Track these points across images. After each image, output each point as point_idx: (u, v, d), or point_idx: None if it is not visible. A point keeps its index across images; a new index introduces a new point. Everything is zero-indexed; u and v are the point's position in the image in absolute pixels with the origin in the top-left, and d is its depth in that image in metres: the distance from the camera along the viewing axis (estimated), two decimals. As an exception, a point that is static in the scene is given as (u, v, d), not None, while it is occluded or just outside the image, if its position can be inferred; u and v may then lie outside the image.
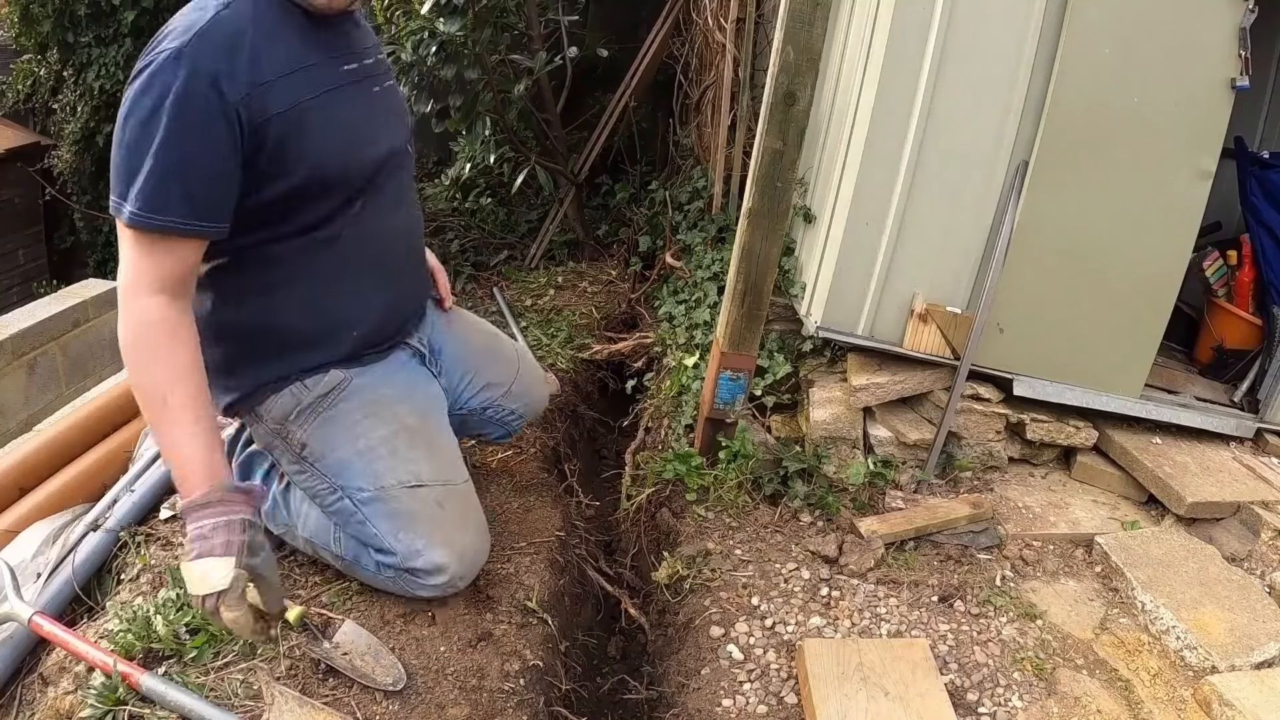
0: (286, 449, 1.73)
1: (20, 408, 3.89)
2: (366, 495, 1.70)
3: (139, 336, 1.44)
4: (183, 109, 1.40)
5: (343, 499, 1.71)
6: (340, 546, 1.76)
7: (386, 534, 1.69)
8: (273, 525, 1.85)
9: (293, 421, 1.70)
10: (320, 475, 1.72)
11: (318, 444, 1.71)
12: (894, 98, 2.33)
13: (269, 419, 1.72)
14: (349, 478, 1.70)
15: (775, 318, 2.78)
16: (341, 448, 1.71)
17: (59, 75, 7.19)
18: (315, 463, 1.72)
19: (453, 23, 3.36)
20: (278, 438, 1.74)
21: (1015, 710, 1.81)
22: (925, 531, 2.32)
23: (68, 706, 1.57)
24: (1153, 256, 2.46)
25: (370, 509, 1.69)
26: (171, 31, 1.45)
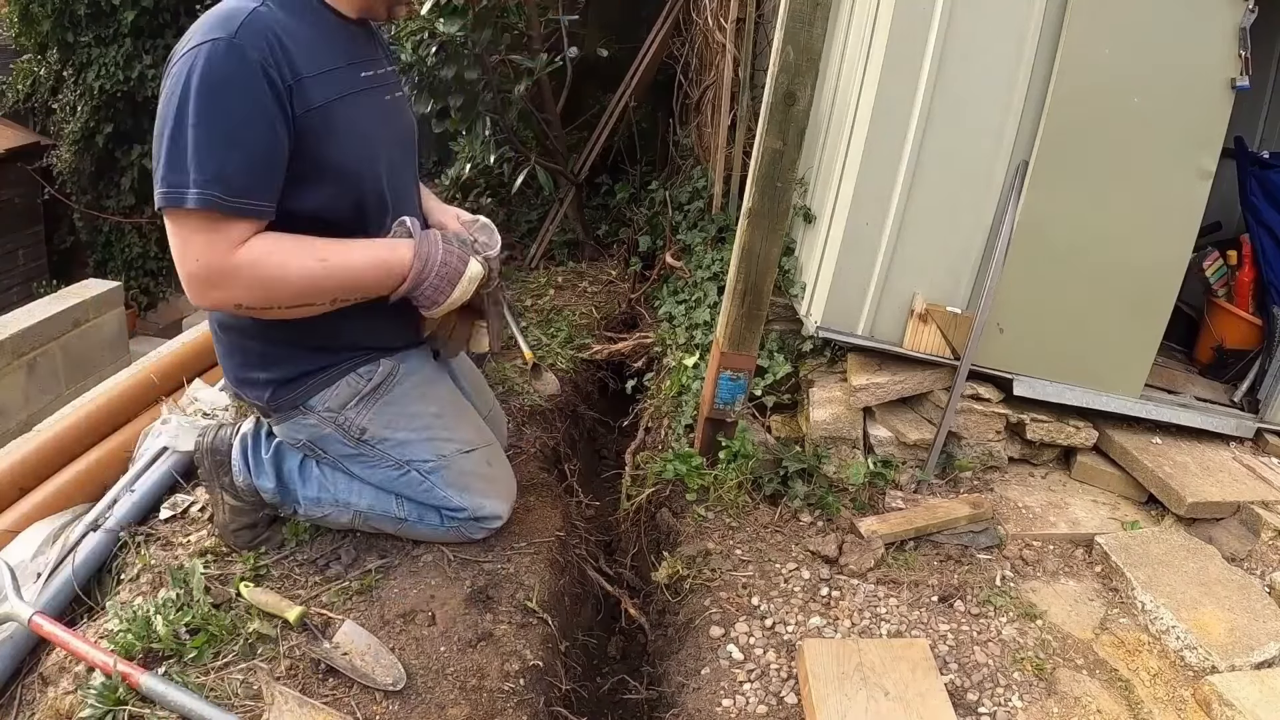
0: (343, 435, 1.85)
1: (20, 408, 3.89)
2: (431, 466, 1.90)
3: (261, 278, 1.53)
4: (246, 97, 1.47)
5: (410, 472, 1.89)
6: (404, 510, 1.94)
7: (454, 495, 1.92)
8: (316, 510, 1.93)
9: (351, 409, 1.83)
10: (383, 455, 1.88)
11: (379, 428, 1.86)
12: (894, 98, 2.33)
13: (321, 409, 1.82)
14: (413, 454, 1.89)
15: (775, 318, 2.79)
16: (402, 429, 1.88)
17: (59, 75, 7.19)
18: (377, 444, 1.87)
19: (453, 23, 3.36)
20: (332, 425, 1.84)
21: (1015, 710, 1.81)
22: (925, 531, 2.32)
23: (68, 706, 1.58)
24: (1153, 256, 2.46)
25: (436, 477, 1.90)
26: (209, 24, 1.49)
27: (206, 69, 1.45)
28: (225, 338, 1.83)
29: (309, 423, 1.85)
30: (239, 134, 1.47)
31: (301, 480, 1.93)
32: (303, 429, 1.87)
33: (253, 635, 1.69)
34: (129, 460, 2.31)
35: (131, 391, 2.62)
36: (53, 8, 6.59)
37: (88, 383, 3.87)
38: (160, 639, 1.64)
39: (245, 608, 1.76)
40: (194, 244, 1.49)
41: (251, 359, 1.80)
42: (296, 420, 1.85)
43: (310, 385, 1.80)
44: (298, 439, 1.90)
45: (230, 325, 1.80)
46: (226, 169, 1.46)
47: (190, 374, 2.78)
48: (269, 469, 1.91)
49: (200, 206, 1.45)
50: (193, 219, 1.47)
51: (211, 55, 1.45)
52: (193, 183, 1.44)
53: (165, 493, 2.14)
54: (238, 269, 1.51)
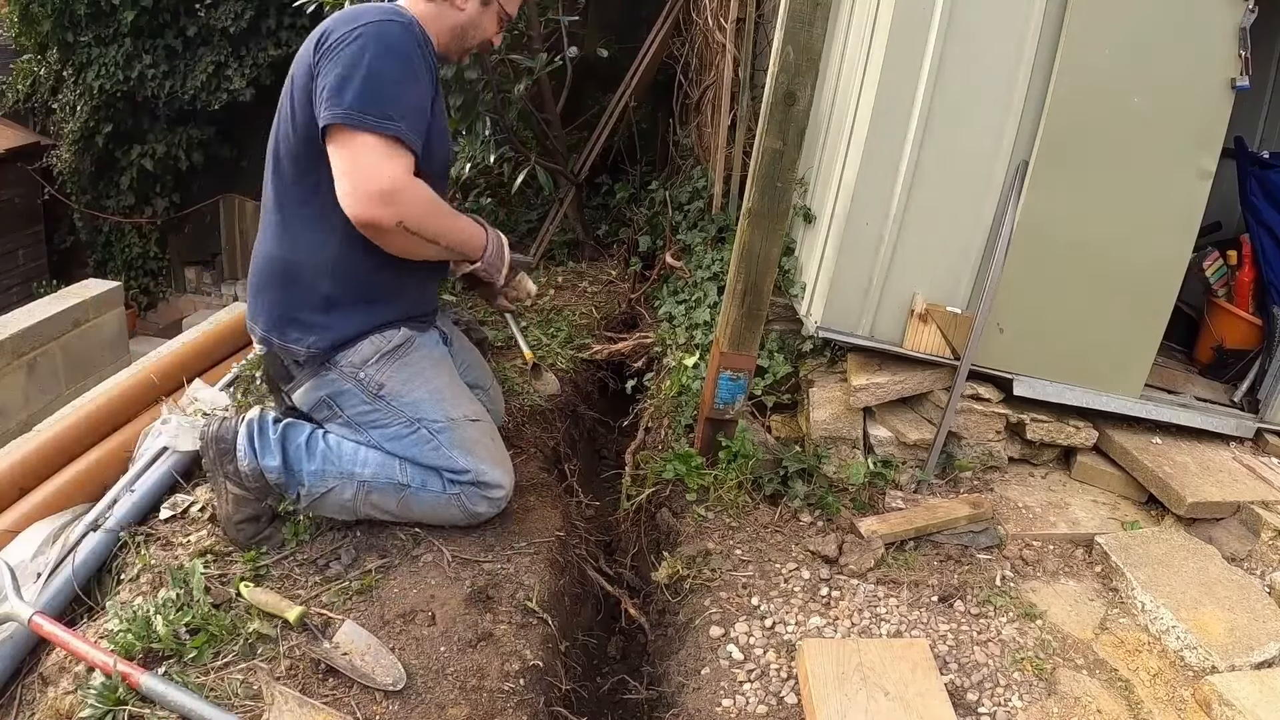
0: (362, 390, 1.99)
1: (20, 408, 3.89)
2: (440, 425, 2.01)
3: (425, 205, 1.85)
4: (419, 67, 1.84)
5: (419, 429, 2.01)
6: (406, 475, 2.01)
7: (459, 456, 2.01)
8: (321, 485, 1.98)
9: (372, 365, 1.98)
10: (397, 411, 2.00)
11: (396, 385, 2.00)
12: (894, 97, 2.33)
13: (345, 364, 1.97)
14: (425, 412, 2.01)
15: (775, 318, 2.79)
16: (416, 389, 2.02)
17: (59, 75, 7.19)
18: (392, 400, 2.00)
19: (452, 22, 3.35)
20: (353, 380, 1.98)
21: (1015, 710, 1.81)
22: (925, 531, 2.32)
23: (68, 706, 1.58)
24: (1153, 256, 2.46)
25: (444, 436, 2.01)
26: (381, 10, 1.84)
27: (394, 37, 1.80)
28: (292, 275, 1.94)
29: (331, 377, 1.98)
30: (417, 91, 1.83)
31: (308, 455, 1.98)
32: (324, 384, 1.99)
33: (253, 635, 1.69)
34: (129, 460, 2.31)
35: (131, 391, 2.63)
36: (53, 8, 6.58)
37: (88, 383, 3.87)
38: (160, 639, 1.64)
39: (245, 608, 1.76)
40: (387, 165, 1.76)
41: (314, 300, 1.94)
42: (321, 375, 1.98)
43: (344, 337, 1.96)
44: (317, 395, 2.01)
45: (307, 263, 1.93)
46: (409, 114, 1.79)
47: (190, 374, 2.78)
48: (275, 448, 1.97)
49: (396, 135, 1.76)
50: (384, 145, 1.76)
51: (395, 29, 1.81)
52: (389, 115, 1.75)
53: (165, 493, 2.14)
54: (414, 189, 1.81)
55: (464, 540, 2.08)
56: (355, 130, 1.73)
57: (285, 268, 1.95)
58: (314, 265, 1.92)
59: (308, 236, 1.92)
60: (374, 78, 1.75)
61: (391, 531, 2.06)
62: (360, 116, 1.73)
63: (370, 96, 1.74)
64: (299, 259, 1.94)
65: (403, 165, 1.79)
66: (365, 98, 1.74)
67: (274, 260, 1.97)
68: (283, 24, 6.56)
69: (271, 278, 1.97)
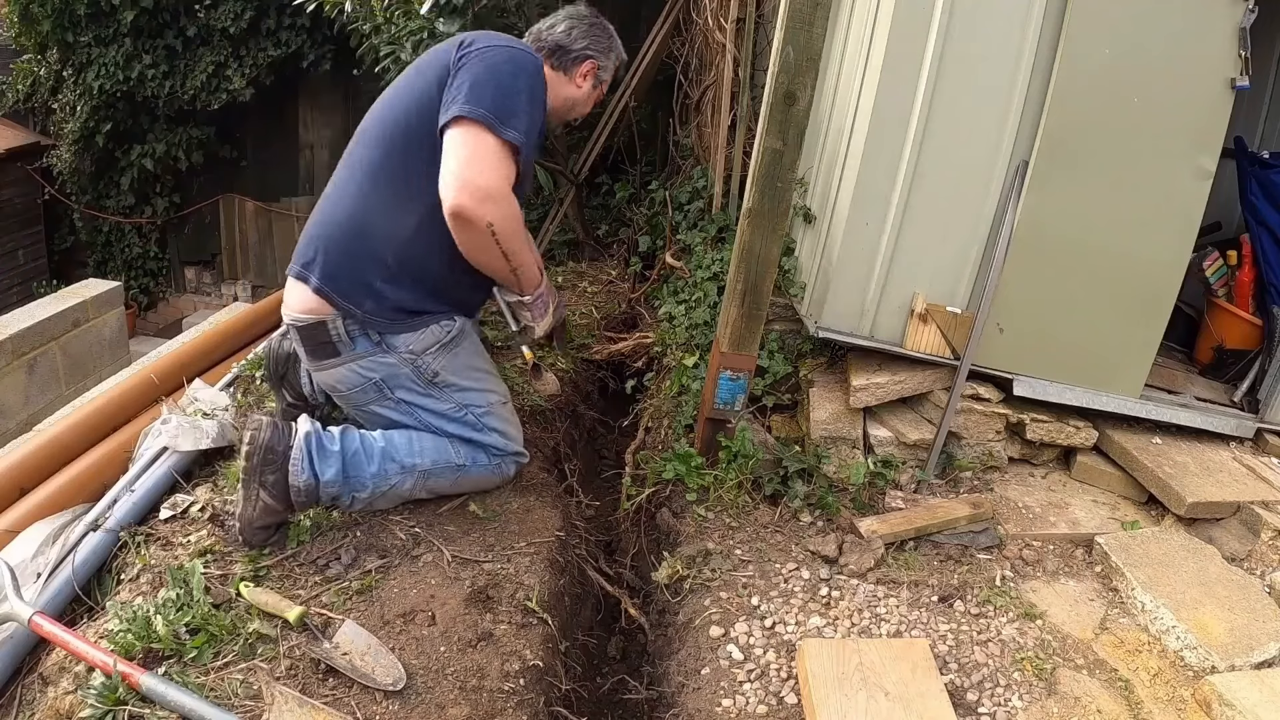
0: (417, 376, 2.09)
1: (20, 408, 3.89)
2: (482, 410, 2.19)
3: (515, 221, 2.01)
4: (542, 100, 2.04)
5: (466, 413, 2.17)
6: (461, 456, 2.15)
7: (497, 435, 2.21)
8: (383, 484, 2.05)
9: (431, 353, 2.09)
10: (448, 397, 2.14)
11: (448, 374, 2.13)
12: (894, 97, 2.33)
13: (404, 350, 2.05)
14: (470, 399, 2.17)
15: (775, 318, 2.79)
16: (465, 378, 2.16)
17: (59, 75, 7.19)
18: (445, 387, 2.13)
19: (452, 23, 3.36)
20: (410, 366, 2.08)
21: (1015, 710, 1.81)
22: (925, 531, 2.32)
23: (68, 706, 1.57)
24: (1153, 256, 2.46)
25: (486, 419, 2.19)
26: (521, 42, 2.13)
27: (533, 67, 2.04)
28: (366, 240, 2.01)
29: (388, 361, 2.05)
30: (536, 119, 1.99)
31: (366, 458, 2.02)
32: (379, 367, 2.06)
33: (253, 635, 1.69)
34: (129, 460, 2.31)
35: (131, 391, 2.63)
36: (53, 8, 6.59)
37: (88, 383, 3.87)
38: (160, 639, 1.64)
39: (245, 608, 1.76)
40: (499, 167, 1.90)
41: (379, 269, 2.01)
42: (376, 357, 2.05)
43: (409, 319, 2.05)
44: (370, 377, 2.07)
45: (384, 234, 2.01)
46: (527, 133, 1.94)
47: (190, 374, 2.78)
48: (334, 459, 1.97)
49: (514, 143, 1.91)
50: (501, 149, 1.90)
51: (535, 63, 2.06)
52: (514, 126, 1.91)
53: (165, 493, 2.14)
54: (511, 200, 1.96)
55: (464, 540, 2.08)
56: (481, 128, 1.88)
57: (362, 231, 2.01)
58: (389, 237, 2.01)
59: (394, 210, 2.01)
60: (510, 91, 1.93)
61: (391, 531, 2.06)
62: (489, 117, 1.88)
63: (502, 104, 1.91)
64: (377, 227, 2.01)
65: (508, 173, 1.93)
66: (498, 104, 1.90)
67: (353, 221, 2.02)
68: (282, 24, 6.57)
69: (345, 239, 2.02)
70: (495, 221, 1.91)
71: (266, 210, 7.74)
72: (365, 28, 3.79)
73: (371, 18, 3.69)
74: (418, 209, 1.98)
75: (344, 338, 2.02)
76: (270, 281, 7.87)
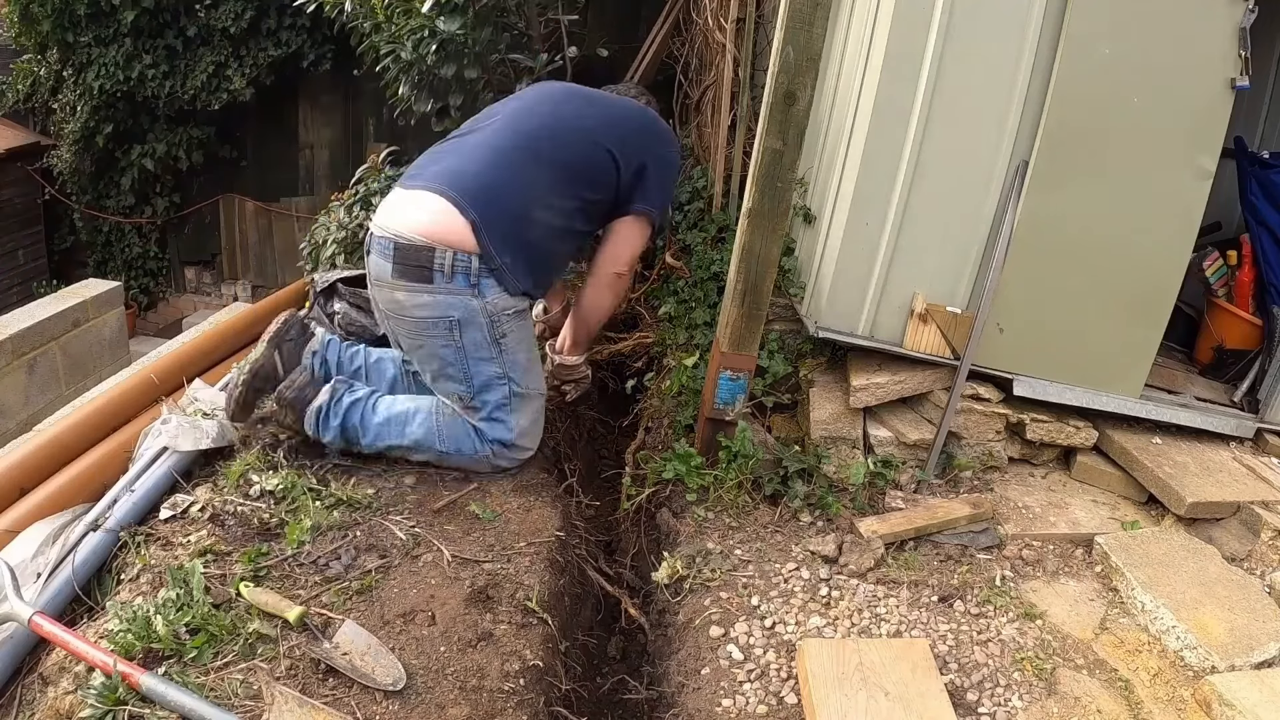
0: (491, 329, 2.23)
1: (20, 408, 3.89)
2: (520, 390, 2.31)
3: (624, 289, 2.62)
4: None
5: (507, 384, 2.28)
6: (444, 444, 2.28)
7: (513, 422, 2.31)
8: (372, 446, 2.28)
9: (508, 314, 2.24)
10: (502, 360, 2.26)
11: (513, 340, 2.27)
12: (894, 97, 2.33)
13: (491, 298, 2.19)
14: (519, 373, 2.30)
15: (775, 318, 2.78)
16: (522, 351, 2.31)
17: (59, 75, 7.18)
18: (505, 352, 2.26)
19: (453, 22, 3.36)
20: (486, 316, 2.21)
21: (1015, 710, 1.81)
22: (925, 531, 2.32)
23: (68, 706, 1.57)
24: (1153, 256, 2.46)
25: (517, 400, 2.30)
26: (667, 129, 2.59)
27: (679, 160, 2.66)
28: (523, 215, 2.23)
29: (474, 305, 2.19)
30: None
31: (362, 431, 2.25)
32: (460, 307, 2.19)
33: (253, 635, 1.69)
34: (129, 460, 2.31)
35: (131, 391, 2.62)
36: (53, 8, 6.58)
37: (88, 383, 3.87)
38: (160, 639, 1.64)
39: (245, 608, 1.76)
40: (640, 247, 2.47)
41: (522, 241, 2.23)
42: (464, 297, 2.18)
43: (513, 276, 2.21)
44: (450, 315, 2.19)
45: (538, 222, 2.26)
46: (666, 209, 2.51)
47: (190, 374, 2.78)
48: (335, 431, 2.25)
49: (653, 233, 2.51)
50: (649, 233, 2.47)
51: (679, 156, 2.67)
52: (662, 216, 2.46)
53: (165, 493, 2.14)
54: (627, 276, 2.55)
55: (464, 540, 2.08)
56: (646, 224, 2.42)
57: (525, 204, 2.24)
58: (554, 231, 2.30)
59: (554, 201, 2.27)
60: (670, 196, 2.55)
61: (391, 531, 2.06)
62: (657, 218, 2.43)
63: (664, 207, 2.49)
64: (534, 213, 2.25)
65: None
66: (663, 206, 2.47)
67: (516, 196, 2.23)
68: (283, 24, 6.56)
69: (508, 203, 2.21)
70: (627, 287, 2.72)
71: (266, 210, 7.73)
72: (365, 27, 3.78)
73: (372, 16, 3.68)
74: (569, 210, 2.31)
75: (447, 269, 2.15)
76: (270, 281, 7.86)
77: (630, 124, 2.44)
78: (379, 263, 2.21)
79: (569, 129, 2.36)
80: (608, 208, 2.40)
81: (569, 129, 2.36)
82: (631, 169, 2.35)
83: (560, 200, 2.29)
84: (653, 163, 2.39)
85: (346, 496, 2.17)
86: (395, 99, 3.81)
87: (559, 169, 2.29)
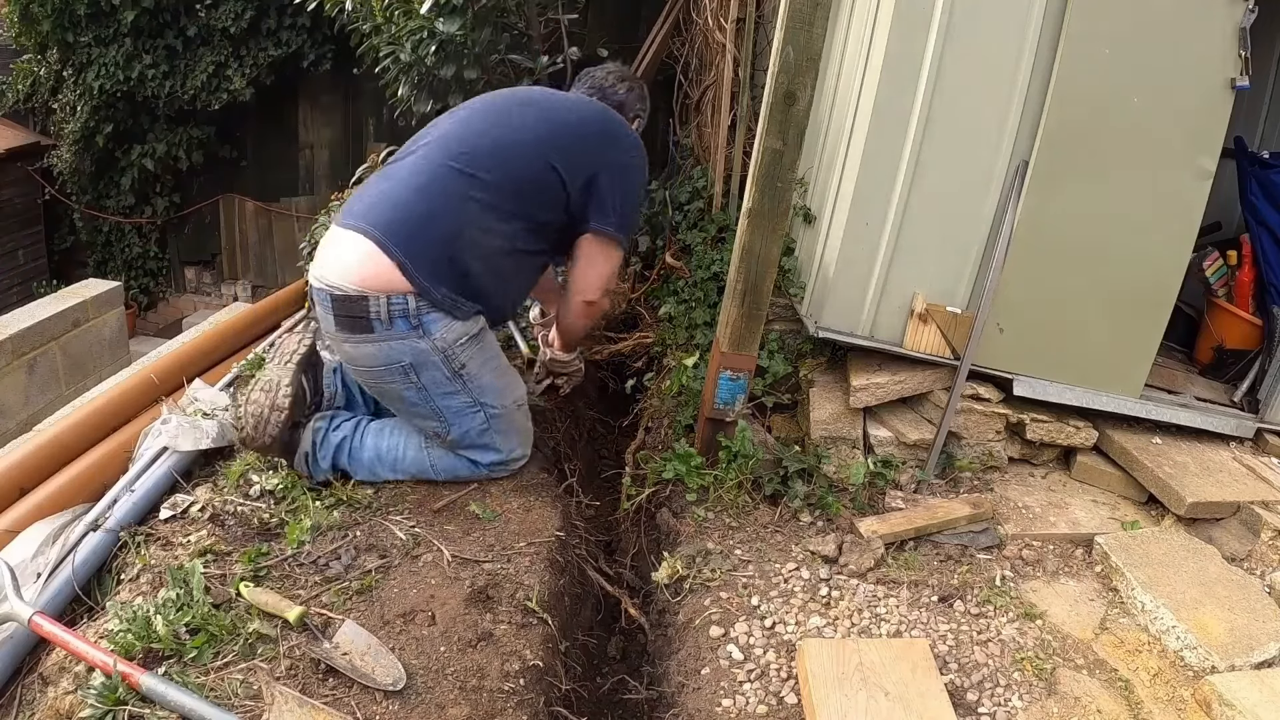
0: (447, 364, 2.13)
1: (20, 408, 3.89)
2: (496, 411, 2.24)
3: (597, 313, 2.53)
4: None
5: (481, 411, 2.21)
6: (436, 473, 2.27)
7: (500, 440, 2.27)
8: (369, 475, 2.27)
9: (461, 344, 2.14)
10: (469, 391, 2.18)
11: (474, 366, 2.18)
12: (894, 97, 2.33)
13: (439, 337, 2.10)
14: (489, 397, 2.22)
15: (775, 318, 2.79)
16: (487, 373, 2.22)
17: (59, 75, 7.18)
18: (468, 380, 2.17)
19: (452, 22, 3.36)
20: (441, 355, 2.12)
21: (1015, 710, 1.81)
22: (925, 531, 2.32)
23: (68, 706, 1.57)
24: (1153, 256, 2.46)
25: (496, 422, 2.25)
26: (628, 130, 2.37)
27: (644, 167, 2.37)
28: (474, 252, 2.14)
29: (422, 347, 2.10)
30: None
31: (352, 466, 2.25)
32: (410, 352, 2.10)
33: (253, 635, 1.69)
34: (129, 460, 2.31)
35: (131, 391, 2.62)
36: (53, 8, 6.58)
37: (88, 383, 3.87)
38: (160, 639, 1.64)
39: (245, 608, 1.76)
40: (616, 269, 2.40)
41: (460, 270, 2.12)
42: (409, 341, 2.08)
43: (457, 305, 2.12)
44: (398, 360, 2.11)
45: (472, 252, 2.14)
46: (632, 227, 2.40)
47: (190, 374, 2.78)
48: (327, 467, 2.23)
49: (625, 249, 2.36)
50: (619, 255, 2.35)
51: (644, 159, 2.36)
52: (631, 231, 2.36)
53: (165, 493, 2.14)
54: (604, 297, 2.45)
55: (464, 540, 2.08)
56: (615, 245, 2.29)
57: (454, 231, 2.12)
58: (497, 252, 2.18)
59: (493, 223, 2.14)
60: (633, 206, 2.35)
61: (391, 531, 2.06)
62: (620, 235, 2.27)
63: (630, 220, 2.34)
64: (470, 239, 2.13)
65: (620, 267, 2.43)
66: (627, 220, 2.30)
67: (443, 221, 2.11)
68: (283, 24, 6.56)
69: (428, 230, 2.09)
70: (605, 309, 2.60)
71: (266, 210, 7.73)
72: (365, 27, 3.79)
73: (371, 17, 3.68)
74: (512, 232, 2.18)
75: (384, 317, 2.05)
76: (270, 281, 7.86)
77: (578, 130, 2.25)
78: (323, 315, 2.14)
79: (507, 144, 2.19)
80: (561, 226, 2.26)
81: (507, 144, 2.19)
82: (579, 183, 2.19)
83: (500, 223, 2.15)
84: (606, 172, 2.21)
85: (346, 496, 2.17)
86: (395, 99, 3.81)
87: (494, 190, 2.13)
